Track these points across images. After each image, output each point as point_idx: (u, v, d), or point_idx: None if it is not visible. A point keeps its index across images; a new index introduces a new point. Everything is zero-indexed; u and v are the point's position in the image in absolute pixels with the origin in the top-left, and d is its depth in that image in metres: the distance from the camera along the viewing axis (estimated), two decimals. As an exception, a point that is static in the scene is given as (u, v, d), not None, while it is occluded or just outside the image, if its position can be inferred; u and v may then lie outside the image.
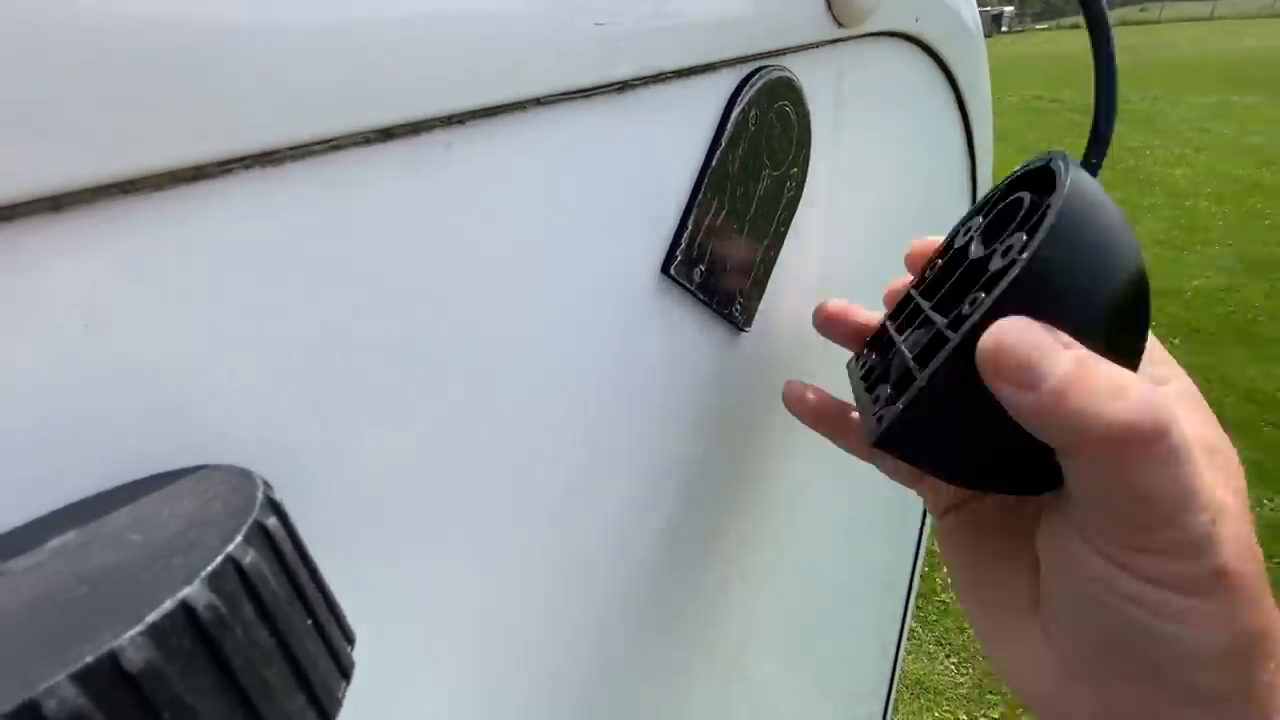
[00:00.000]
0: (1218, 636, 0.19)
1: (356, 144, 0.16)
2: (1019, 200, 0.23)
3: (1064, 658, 0.22)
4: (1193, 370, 0.24)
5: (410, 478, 0.20)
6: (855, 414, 0.31)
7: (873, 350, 0.30)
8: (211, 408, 0.15)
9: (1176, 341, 2.88)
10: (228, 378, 0.15)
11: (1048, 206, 0.20)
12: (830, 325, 0.34)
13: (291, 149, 0.15)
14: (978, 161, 0.56)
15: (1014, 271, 0.19)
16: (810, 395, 0.33)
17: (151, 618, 0.09)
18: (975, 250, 0.24)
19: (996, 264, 0.21)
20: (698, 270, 0.29)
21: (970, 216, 0.27)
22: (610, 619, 0.31)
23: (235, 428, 0.15)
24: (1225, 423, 0.22)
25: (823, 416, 0.32)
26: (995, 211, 0.25)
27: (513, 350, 0.22)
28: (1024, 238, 0.20)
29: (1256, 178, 4.73)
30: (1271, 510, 2.04)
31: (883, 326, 0.30)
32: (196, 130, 0.13)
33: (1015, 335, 0.19)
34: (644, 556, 0.32)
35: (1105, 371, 0.18)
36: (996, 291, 0.19)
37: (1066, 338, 0.19)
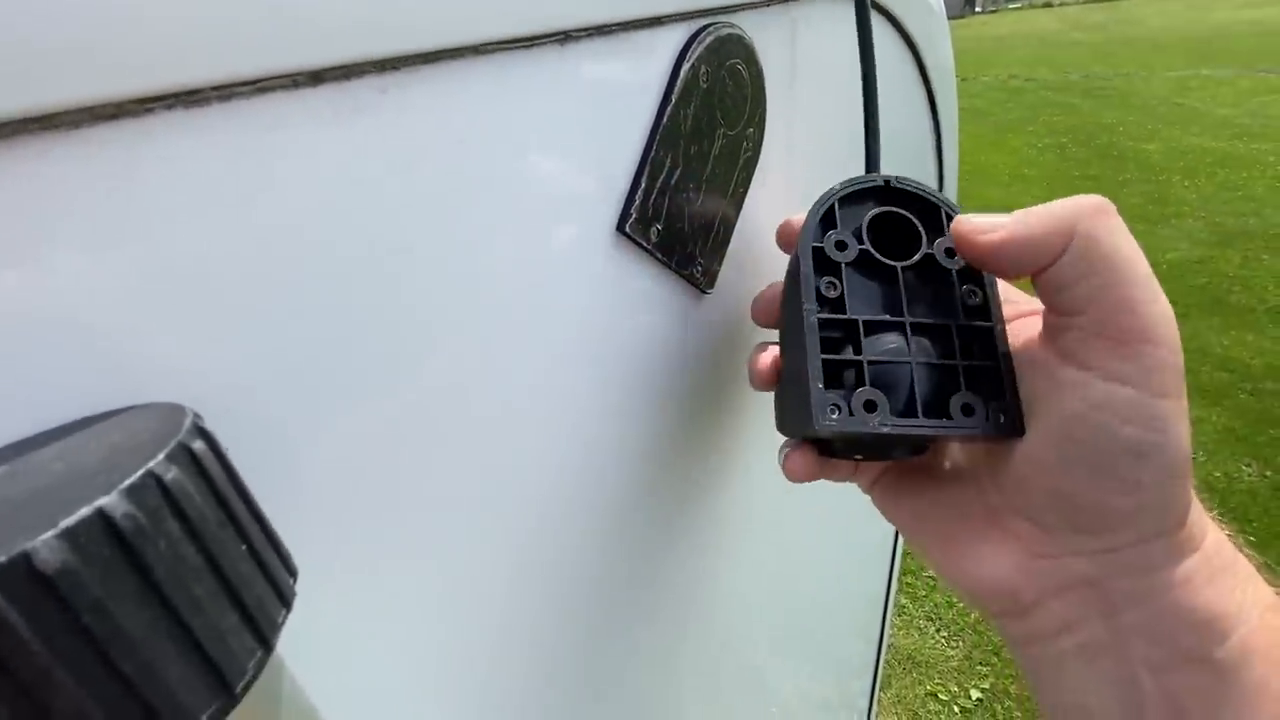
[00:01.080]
0: (1183, 447, 0.22)
1: (284, 86, 0.16)
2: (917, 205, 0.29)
3: (1028, 535, 0.25)
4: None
5: (347, 441, 0.19)
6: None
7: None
8: (140, 350, 0.15)
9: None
10: (156, 320, 0.15)
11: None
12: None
13: (215, 89, 0.15)
14: (942, 126, 0.57)
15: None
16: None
17: (66, 523, 0.09)
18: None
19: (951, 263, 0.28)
20: (654, 229, 0.29)
21: (817, 232, 0.29)
22: (583, 602, 0.31)
23: (165, 371, 0.15)
24: (1202, 391, 0.23)
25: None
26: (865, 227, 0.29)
27: (453, 310, 0.22)
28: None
29: (1228, 149, 4.79)
30: (1250, 476, 2.07)
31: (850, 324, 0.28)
32: (113, 66, 0.13)
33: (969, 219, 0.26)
34: (612, 535, 0.32)
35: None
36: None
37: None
